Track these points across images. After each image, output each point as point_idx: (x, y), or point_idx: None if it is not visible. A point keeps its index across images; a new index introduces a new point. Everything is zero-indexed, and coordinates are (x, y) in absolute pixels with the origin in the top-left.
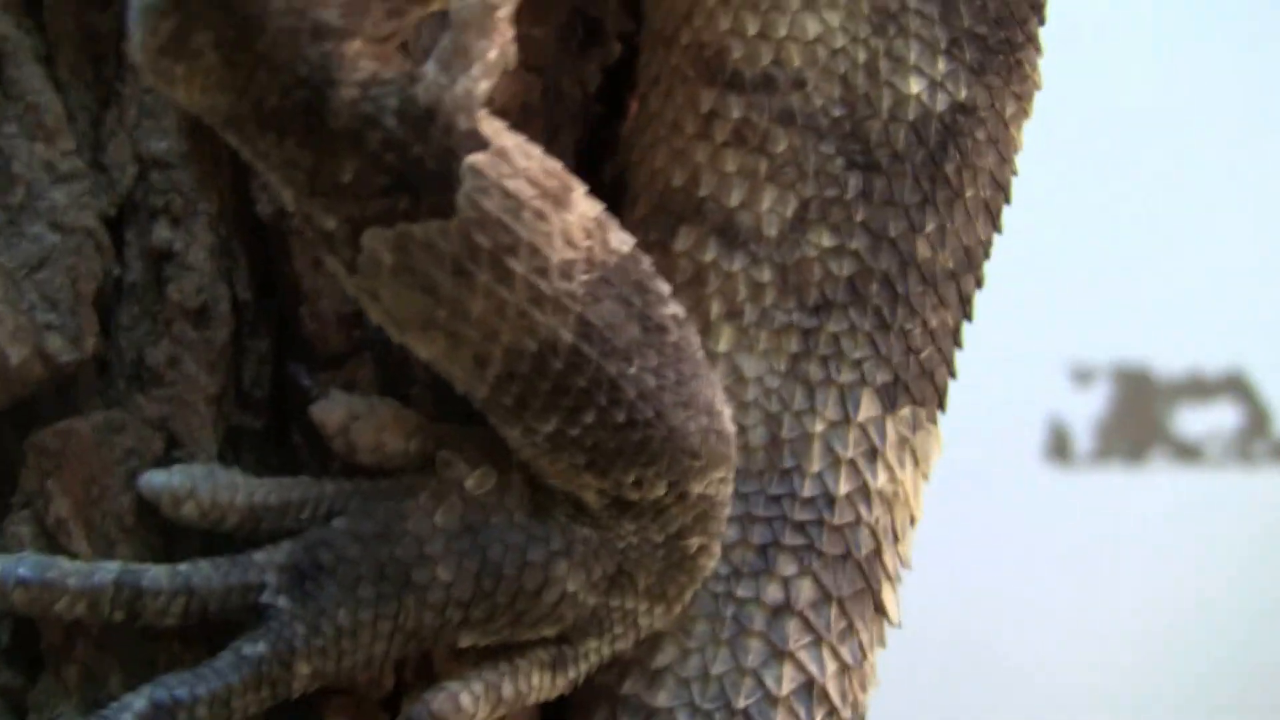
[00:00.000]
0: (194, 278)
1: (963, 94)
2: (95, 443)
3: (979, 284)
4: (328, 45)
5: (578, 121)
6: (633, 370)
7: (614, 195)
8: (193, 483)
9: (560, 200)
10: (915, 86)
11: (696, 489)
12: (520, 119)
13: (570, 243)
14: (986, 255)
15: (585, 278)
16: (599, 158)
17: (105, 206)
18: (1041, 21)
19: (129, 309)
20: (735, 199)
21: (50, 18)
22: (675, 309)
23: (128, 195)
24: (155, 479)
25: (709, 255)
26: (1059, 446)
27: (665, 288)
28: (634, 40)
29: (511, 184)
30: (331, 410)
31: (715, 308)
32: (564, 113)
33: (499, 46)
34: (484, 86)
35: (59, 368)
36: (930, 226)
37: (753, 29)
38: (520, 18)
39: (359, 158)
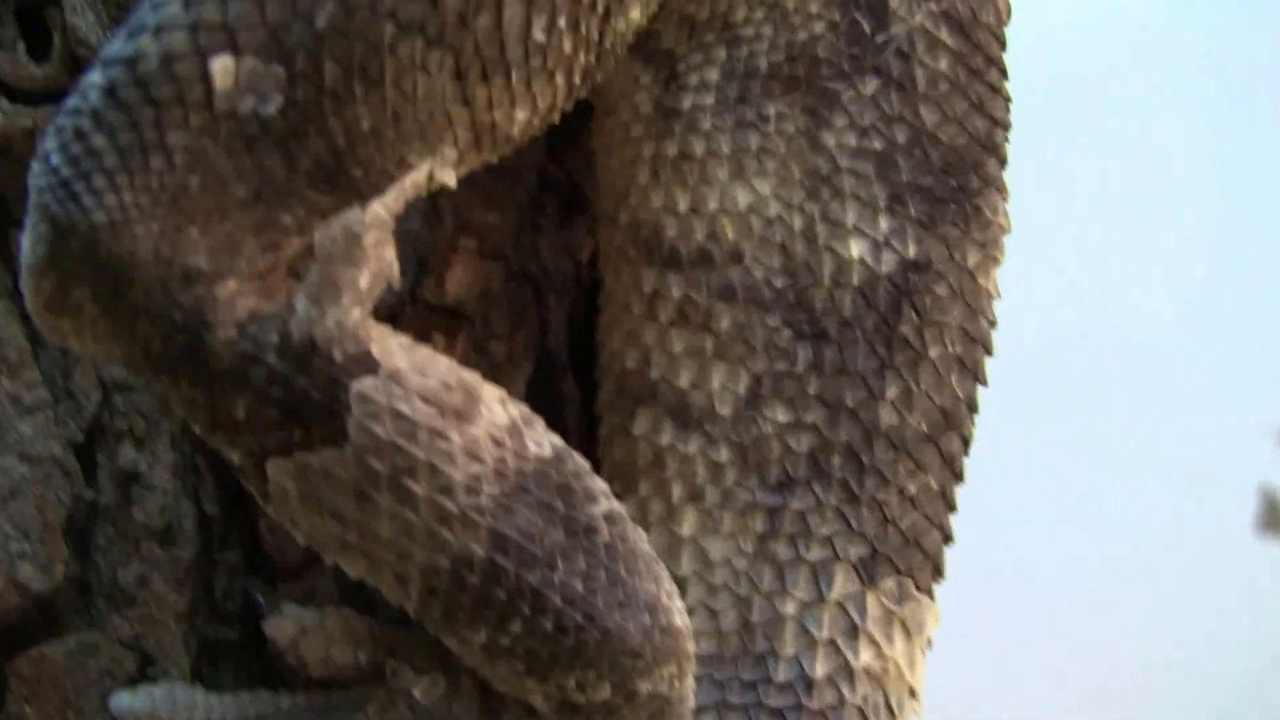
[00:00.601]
0: (157, 498)
1: (912, 251)
2: (69, 667)
3: (966, 442)
4: (199, 290)
5: (568, 293)
6: (558, 576)
7: None
8: (154, 703)
9: (464, 415)
10: (856, 249)
11: (645, 687)
12: (480, 308)
13: (475, 457)
14: (972, 410)
15: (495, 490)
16: None
17: (74, 432)
18: (1002, 162)
19: (104, 530)
20: (686, 380)
21: (16, 252)
22: (608, 506)
23: (94, 419)
24: (121, 701)
25: (666, 438)
26: (1272, 517)
27: (597, 485)
28: None
29: (404, 406)
30: (282, 626)
31: (677, 491)
32: (552, 287)
33: (370, 271)
34: (356, 314)
35: (33, 595)
36: (893, 392)
37: (684, 204)
38: (474, 205)
39: (248, 394)
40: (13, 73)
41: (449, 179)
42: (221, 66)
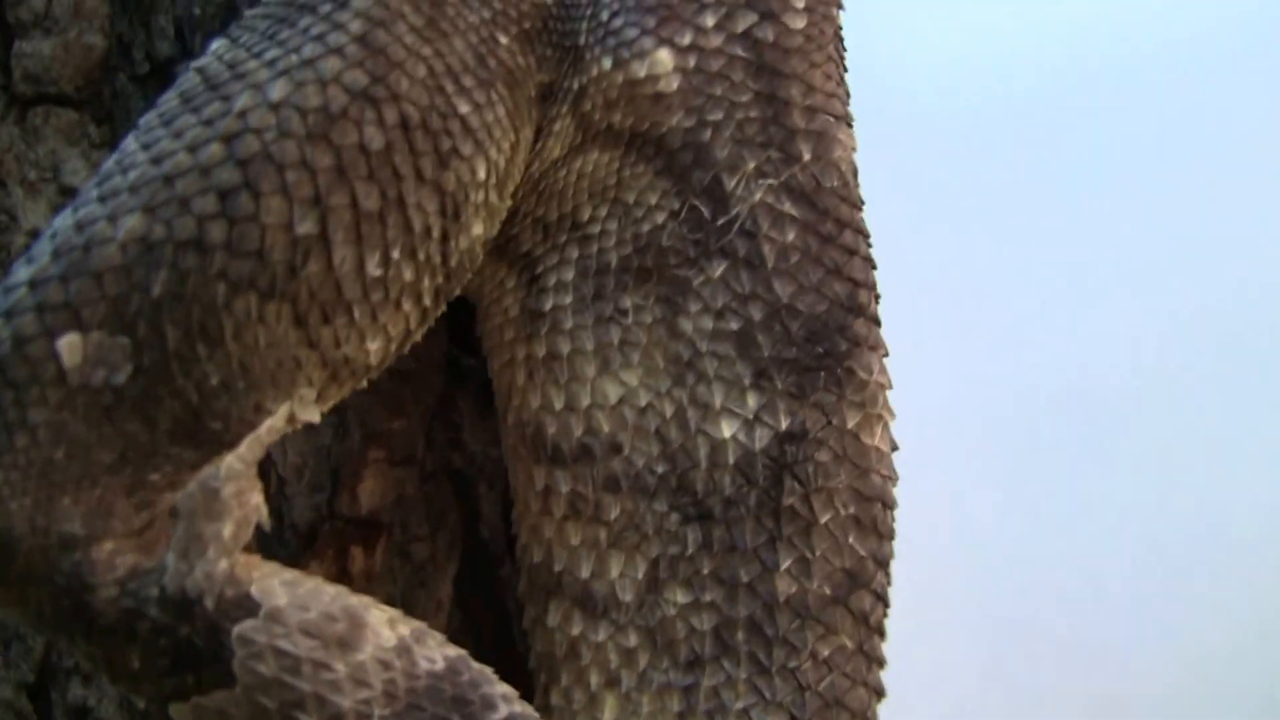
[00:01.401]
0: None
1: (785, 423)
2: None
3: (879, 596)
4: (77, 554)
5: (501, 477)
6: None
7: None
8: None
9: (348, 643)
10: (728, 429)
11: None
12: (397, 514)
13: (363, 683)
14: (882, 565)
15: (386, 711)
16: None
17: (24, 674)
18: (871, 320)
19: None
20: (586, 570)
21: None
22: (507, 711)
23: (43, 659)
24: None
25: (577, 628)
26: None
27: (497, 691)
28: None
29: (286, 643)
30: None
31: (595, 678)
32: (482, 476)
33: (234, 520)
34: (224, 565)
35: None
36: (787, 562)
37: (559, 403)
38: (379, 415)
39: (138, 646)
40: None
41: (312, 416)
42: (69, 344)
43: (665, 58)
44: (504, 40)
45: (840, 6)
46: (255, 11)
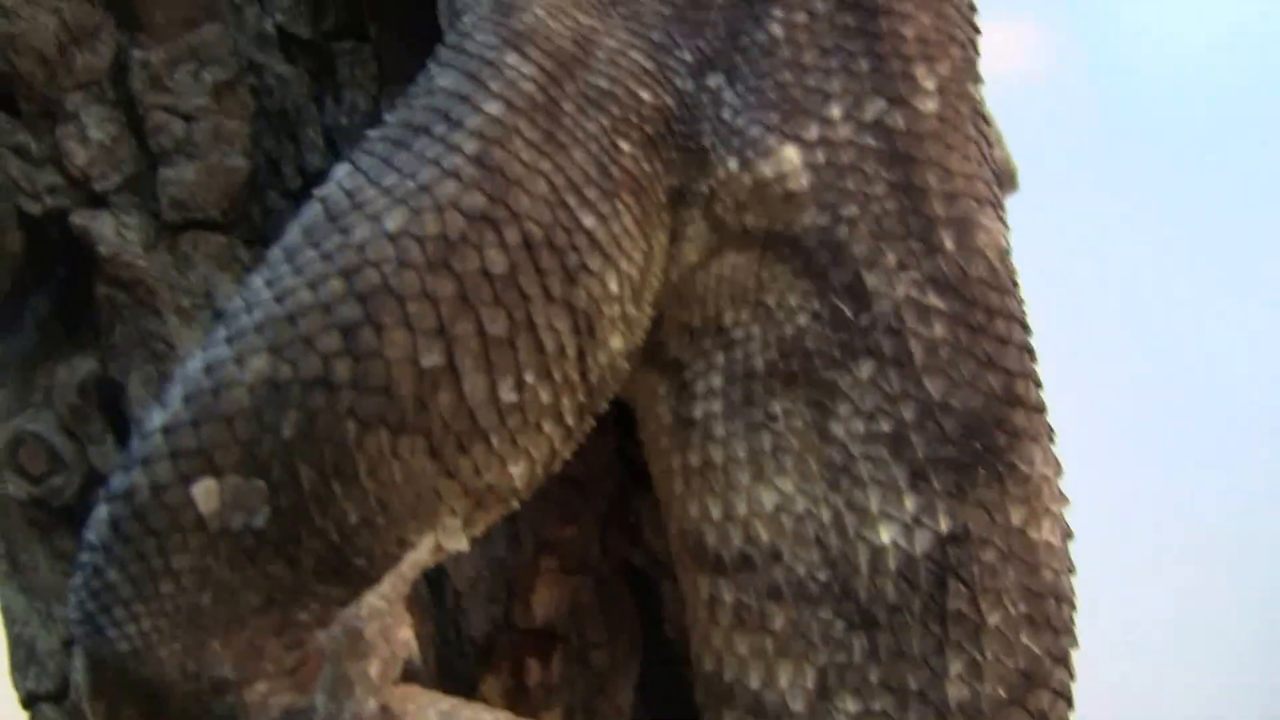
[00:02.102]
0: None
1: (945, 525)
2: None
3: (1062, 694)
4: (230, 698)
5: None
6: None
7: None
8: None
9: None
10: (887, 534)
11: None
12: (573, 623)
13: None
14: (1059, 660)
15: None
16: None
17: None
18: (1032, 408)
19: None
20: (756, 680)
21: None
22: None
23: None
24: None
25: None
26: None
27: None
28: None
29: None
30: None
31: None
32: (666, 573)
33: (381, 659)
34: (373, 704)
35: None
36: (957, 667)
37: (717, 512)
38: (551, 522)
39: None
40: (106, 467)
41: (460, 545)
42: (204, 490)
43: (793, 155)
44: (626, 147)
45: (977, 80)
46: (376, 132)
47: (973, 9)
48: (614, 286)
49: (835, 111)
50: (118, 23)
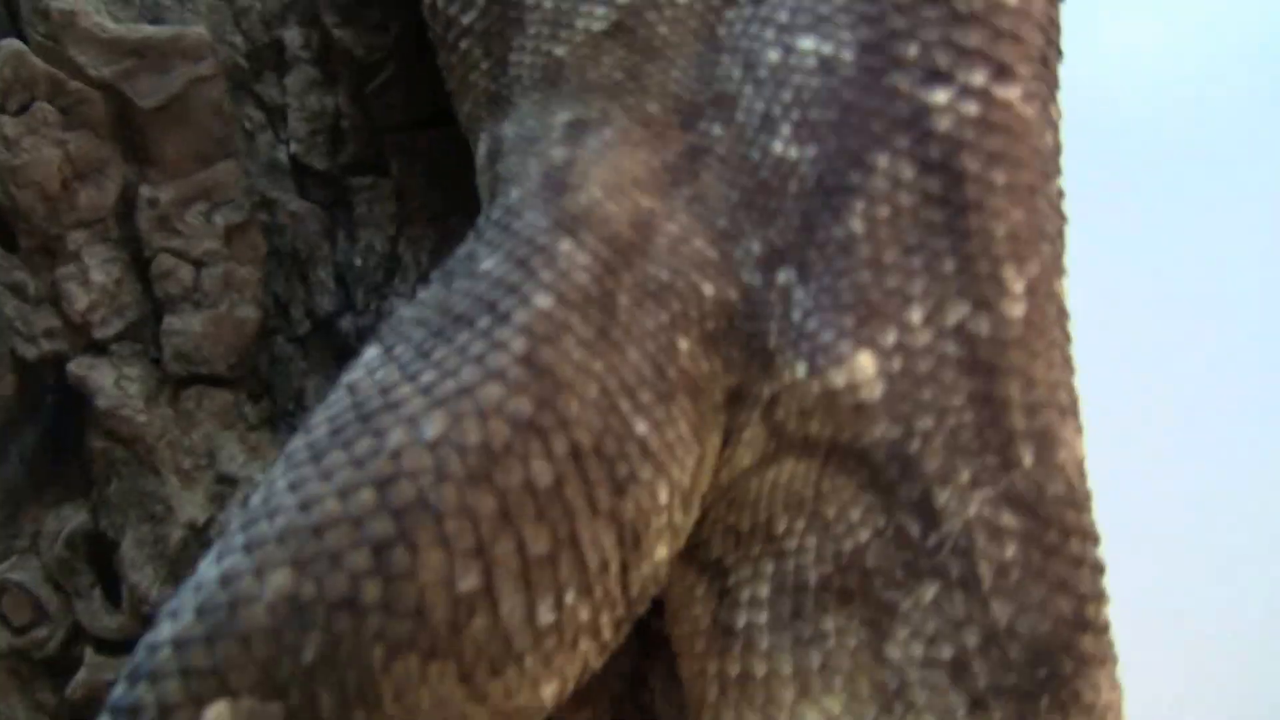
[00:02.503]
0: None
1: None
2: None
3: None
4: None
5: None
6: None
7: None
8: None
9: None
10: None
11: None
12: None
13: None
14: None
15: None
16: None
17: None
18: (1100, 630)
19: None
20: None
21: None
22: None
23: None
24: None
25: None
26: None
27: None
28: None
29: None
30: None
31: None
32: None
33: None
34: None
35: None
36: None
37: None
38: (560, 709)
39: None
40: (91, 623)
41: None
42: (217, 713)
43: (867, 363)
44: (684, 345)
45: (1062, 273)
46: (411, 313)
47: (1061, 195)
48: (664, 497)
49: (915, 316)
50: (125, 157)
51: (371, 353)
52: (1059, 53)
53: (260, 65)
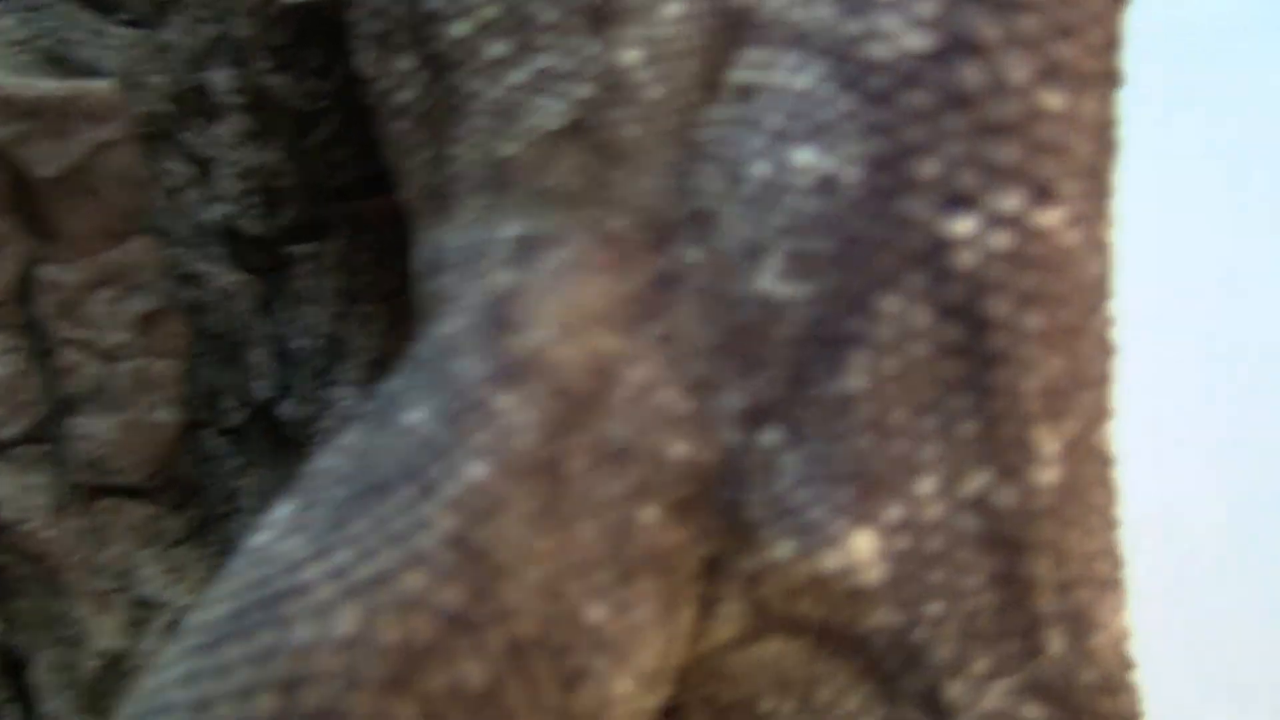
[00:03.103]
0: None
1: None
2: None
3: None
4: None
5: None
6: None
7: None
8: None
9: None
10: None
11: None
12: None
13: None
14: None
15: None
16: None
17: None
18: None
19: None
20: None
21: None
22: None
23: None
24: None
25: None
26: None
27: None
28: None
29: None
30: None
31: None
32: None
33: None
34: None
35: None
36: None
37: None
38: None
39: None
40: None
41: None
42: None
43: (865, 544)
44: (650, 516)
45: (1108, 418)
46: (329, 464)
47: (1110, 325)
48: (622, 687)
49: (926, 487)
50: (24, 231)
51: (282, 511)
52: (1115, 153)
53: (187, 111)
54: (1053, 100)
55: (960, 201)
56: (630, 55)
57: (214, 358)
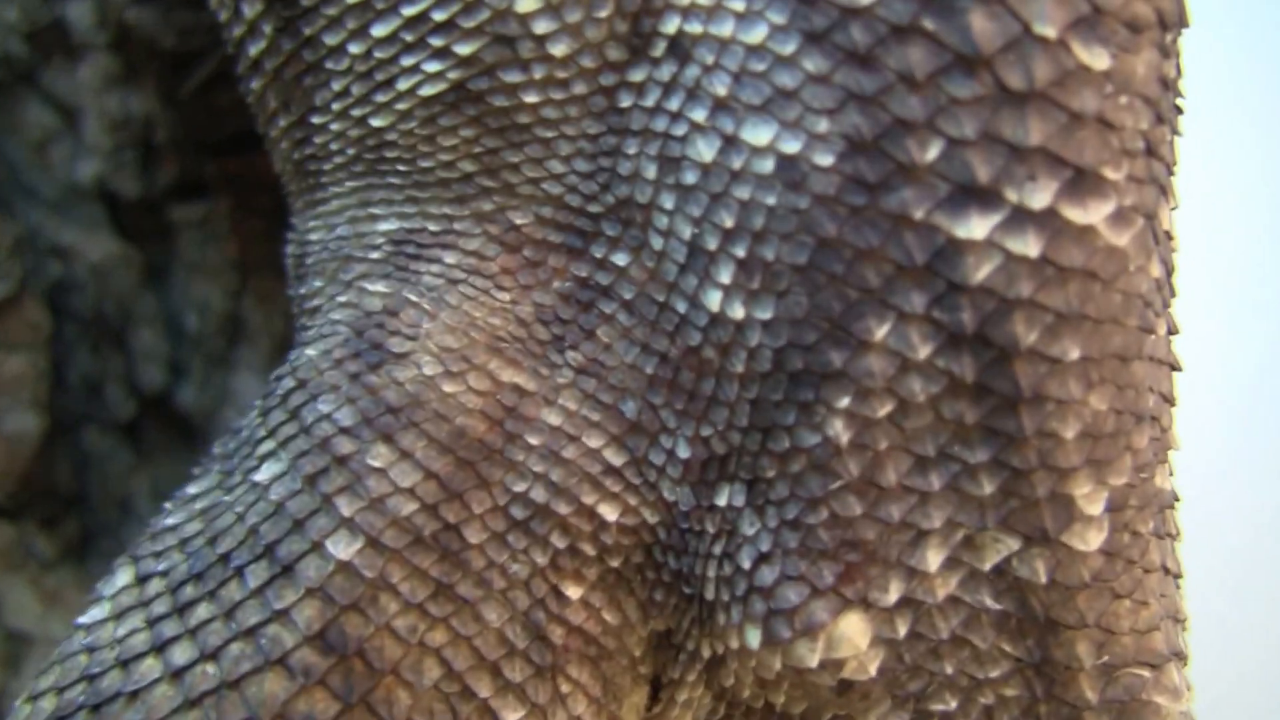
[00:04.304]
0: None
1: None
2: None
3: None
4: None
5: None
6: None
7: None
8: None
9: None
10: None
11: None
12: None
13: None
14: None
15: None
16: None
17: None
18: None
19: None
20: None
21: None
22: None
23: None
24: None
25: None
26: None
27: None
28: None
29: None
30: None
31: None
32: None
33: None
34: None
35: None
36: None
37: None
38: None
39: None
40: None
41: None
42: None
43: (855, 631)
44: (575, 593)
45: (1166, 451)
46: (175, 520)
47: (1174, 334)
48: None
49: (932, 559)
50: None
51: (120, 579)
52: (1176, 121)
53: (45, 50)
54: (1093, 57)
55: (972, 194)
56: (526, 0)
57: (90, 344)
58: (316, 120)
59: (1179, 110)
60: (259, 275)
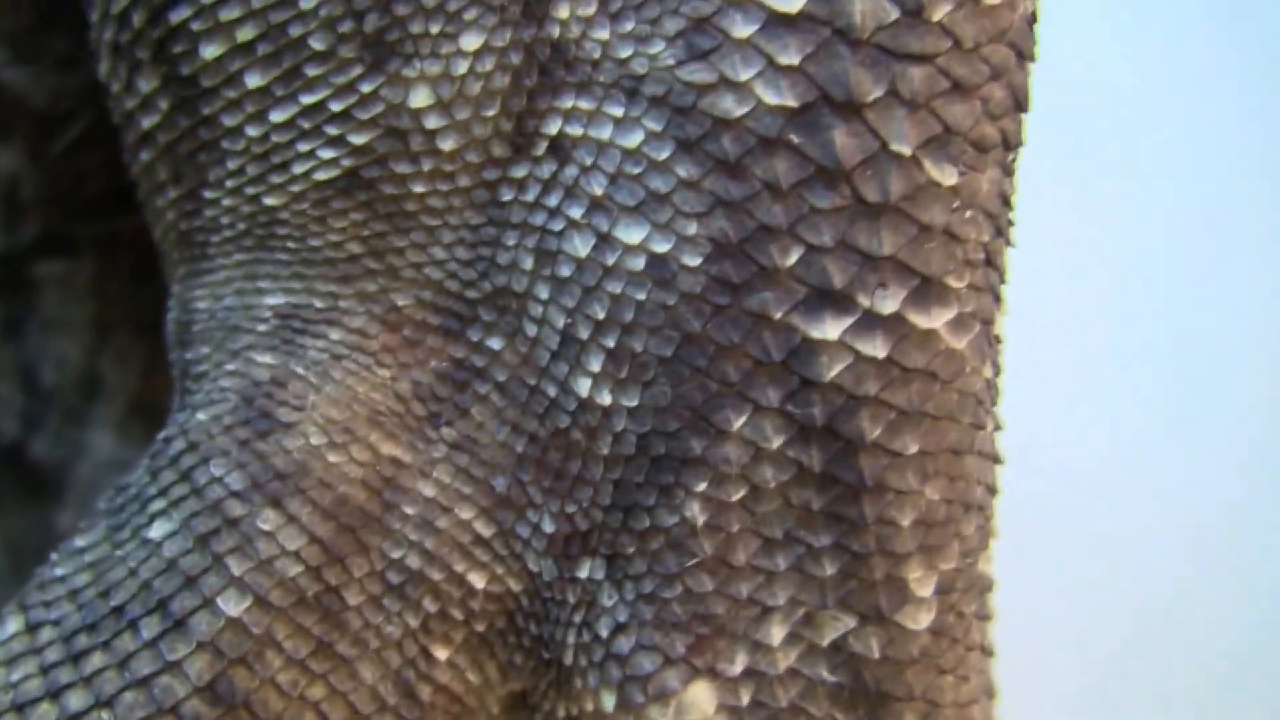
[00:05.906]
0: None
1: None
2: None
3: None
4: None
5: None
6: None
7: None
8: None
9: None
10: None
11: None
12: None
13: None
14: None
15: None
16: None
17: None
18: None
19: None
20: None
21: None
22: None
23: None
24: None
25: None
26: None
27: None
28: None
29: None
30: None
31: None
32: None
33: None
34: None
35: None
36: None
37: None
38: None
39: None
40: None
41: None
42: None
43: (702, 698)
44: (443, 654)
45: (988, 544)
46: (64, 570)
47: (998, 429)
48: None
49: (775, 633)
50: None
51: (10, 626)
52: (1011, 232)
53: None
54: (943, 174)
55: (827, 299)
56: (418, 96)
57: None
58: (208, 195)
59: (1012, 224)
60: (117, 334)
